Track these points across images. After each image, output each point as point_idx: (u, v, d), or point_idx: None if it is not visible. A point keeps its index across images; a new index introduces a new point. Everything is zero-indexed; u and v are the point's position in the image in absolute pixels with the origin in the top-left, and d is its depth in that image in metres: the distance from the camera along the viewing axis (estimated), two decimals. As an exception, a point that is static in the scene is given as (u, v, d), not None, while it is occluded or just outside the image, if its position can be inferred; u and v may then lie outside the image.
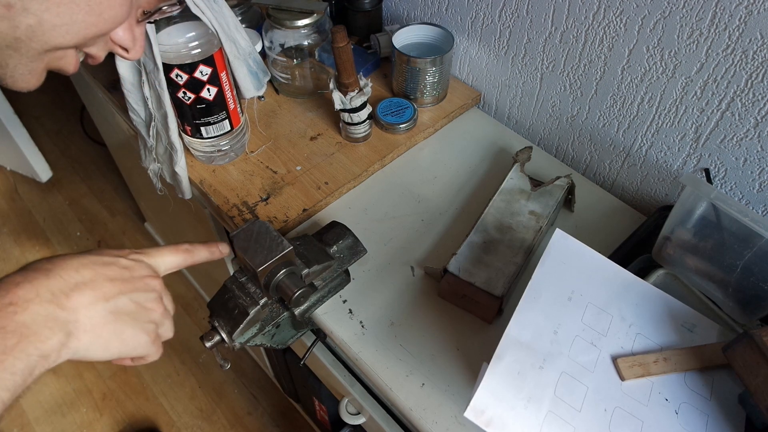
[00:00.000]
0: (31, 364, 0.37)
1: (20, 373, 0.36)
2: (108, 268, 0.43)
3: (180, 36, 0.65)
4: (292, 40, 0.85)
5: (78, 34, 0.39)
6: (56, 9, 0.37)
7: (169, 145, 0.75)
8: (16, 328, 0.36)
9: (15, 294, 0.37)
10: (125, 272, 0.44)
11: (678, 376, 0.55)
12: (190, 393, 1.52)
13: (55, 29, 0.38)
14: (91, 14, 0.39)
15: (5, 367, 0.35)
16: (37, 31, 0.37)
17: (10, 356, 0.35)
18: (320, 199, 0.77)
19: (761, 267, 0.58)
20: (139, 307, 0.44)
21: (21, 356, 0.36)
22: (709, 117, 0.67)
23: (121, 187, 1.96)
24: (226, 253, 0.55)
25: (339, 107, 0.79)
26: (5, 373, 0.35)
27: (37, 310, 0.38)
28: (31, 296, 0.38)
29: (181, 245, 0.51)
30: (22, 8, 0.36)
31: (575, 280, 0.58)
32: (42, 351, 0.37)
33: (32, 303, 0.38)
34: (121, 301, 0.43)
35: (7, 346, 0.36)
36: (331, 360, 0.77)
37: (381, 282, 0.70)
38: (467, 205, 0.79)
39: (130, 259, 0.46)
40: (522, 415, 0.49)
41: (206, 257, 0.53)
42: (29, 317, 0.37)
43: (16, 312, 0.37)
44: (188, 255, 0.51)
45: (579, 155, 0.85)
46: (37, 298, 0.38)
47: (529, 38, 0.80)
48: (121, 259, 0.45)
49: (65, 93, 2.26)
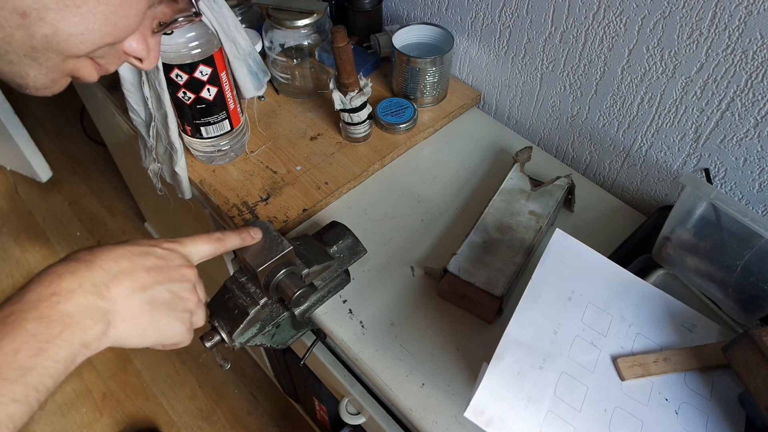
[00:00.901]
0: (74, 352, 0.38)
1: (63, 361, 0.37)
2: (145, 258, 0.44)
3: (180, 36, 0.65)
4: (292, 40, 0.85)
5: (92, 43, 0.40)
6: (72, 19, 0.37)
7: (169, 145, 0.75)
8: (59, 317, 0.38)
9: (58, 285, 0.39)
10: (161, 262, 0.45)
11: (678, 376, 0.55)
12: (190, 393, 1.52)
13: (71, 39, 0.38)
14: (107, 24, 0.39)
15: (49, 355, 0.36)
16: (52, 40, 0.38)
17: (54, 345, 0.37)
18: (320, 199, 0.77)
19: (761, 267, 0.58)
20: (174, 297, 0.46)
21: (64, 345, 0.37)
22: (709, 117, 0.67)
23: (121, 187, 1.96)
24: (258, 237, 0.55)
25: (339, 107, 0.79)
26: (49, 361, 0.36)
27: (79, 301, 0.39)
28: (74, 287, 0.39)
29: (214, 234, 0.52)
30: (38, 18, 0.36)
31: (575, 280, 0.58)
32: (84, 339, 0.39)
33: (75, 293, 0.39)
34: (158, 290, 0.44)
35: (51, 334, 0.37)
36: (331, 360, 0.77)
37: (381, 282, 0.70)
38: (467, 205, 0.79)
39: (165, 249, 0.47)
40: (522, 415, 0.49)
41: (238, 244, 0.54)
42: (72, 307, 0.38)
43: (59, 302, 0.38)
44: (220, 243, 0.52)
45: (579, 155, 0.85)
46: (79, 288, 0.39)
47: (529, 38, 0.80)
48: (157, 249, 0.46)
49: (65, 93, 2.24)
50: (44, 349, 0.36)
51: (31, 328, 0.36)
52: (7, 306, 0.37)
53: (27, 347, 0.36)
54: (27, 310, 0.37)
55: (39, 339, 0.36)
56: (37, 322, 0.37)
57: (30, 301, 0.38)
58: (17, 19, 0.36)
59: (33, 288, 0.38)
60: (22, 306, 0.37)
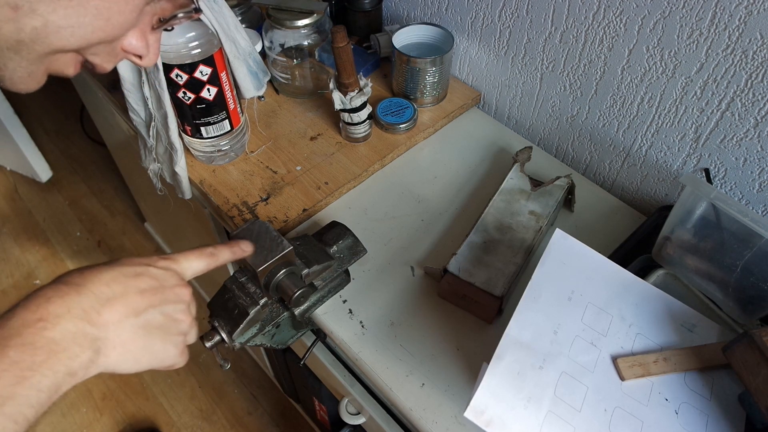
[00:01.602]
0: (58, 381, 0.36)
1: (46, 390, 0.36)
2: (138, 280, 0.43)
3: (180, 36, 0.65)
4: (292, 40, 0.85)
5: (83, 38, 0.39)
6: (64, 11, 0.36)
7: (169, 145, 0.75)
8: (45, 344, 0.36)
9: (45, 309, 0.37)
10: (155, 282, 0.44)
11: (678, 376, 0.55)
12: (190, 393, 1.52)
13: (60, 31, 0.37)
14: (99, 18, 0.38)
15: (32, 384, 0.35)
16: (41, 33, 0.37)
17: (37, 373, 0.35)
18: (320, 199, 0.77)
19: (761, 267, 0.58)
20: (168, 320, 0.44)
21: (48, 373, 0.36)
22: (709, 117, 0.67)
23: (121, 187, 1.96)
24: (249, 251, 0.54)
25: (339, 107, 0.79)
26: (31, 390, 0.35)
27: (67, 327, 0.37)
28: (62, 312, 0.37)
29: (206, 249, 0.50)
30: (29, 9, 0.35)
31: (575, 280, 0.58)
32: (70, 368, 0.37)
33: (62, 319, 0.37)
34: (151, 314, 0.43)
35: (35, 362, 0.35)
36: (331, 360, 0.77)
37: (381, 282, 0.70)
38: (467, 205, 0.79)
39: (159, 268, 0.45)
40: (522, 415, 0.49)
41: (229, 258, 0.52)
42: (59, 333, 0.37)
43: (45, 328, 0.36)
44: (213, 258, 0.50)
45: (579, 155, 0.85)
46: (67, 314, 0.38)
47: (529, 38, 0.80)
48: (151, 269, 0.44)
49: (65, 93, 2.26)
50: (26, 377, 0.35)
51: (13, 355, 0.34)
52: None
53: (7, 375, 0.34)
54: (10, 336, 0.35)
55: (21, 366, 0.35)
56: (20, 349, 0.35)
57: (14, 327, 0.36)
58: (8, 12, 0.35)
59: (18, 313, 0.37)
60: (5, 332, 0.35)
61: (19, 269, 1.76)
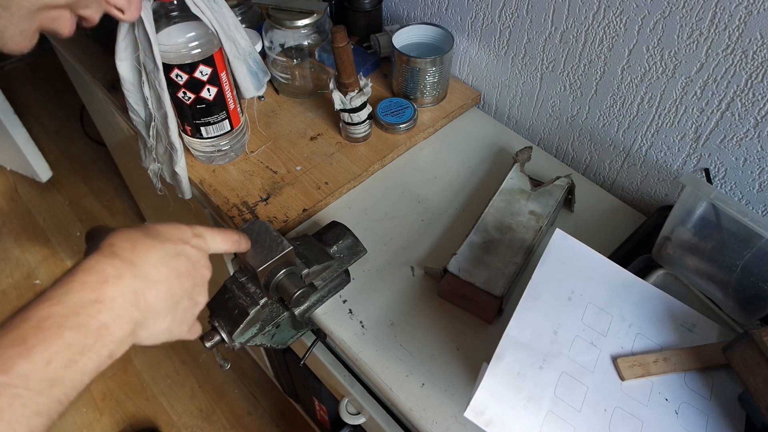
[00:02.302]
0: (101, 364, 0.37)
1: (90, 373, 0.36)
2: (177, 261, 0.43)
3: (180, 36, 0.65)
4: (292, 40, 0.85)
5: None
6: None
7: (169, 145, 0.75)
8: (97, 327, 0.36)
9: (103, 291, 0.37)
10: (189, 265, 0.44)
11: (678, 376, 0.55)
12: (190, 393, 1.52)
13: None
14: None
15: (79, 367, 0.35)
16: None
17: (85, 356, 0.35)
18: (320, 199, 0.77)
19: (761, 267, 0.58)
20: (191, 303, 0.45)
21: (94, 357, 0.36)
22: (709, 117, 0.67)
23: (121, 187, 1.96)
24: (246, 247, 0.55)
25: (339, 107, 0.79)
26: (77, 374, 0.35)
27: (118, 311, 0.37)
28: (117, 295, 0.37)
29: (233, 234, 0.50)
30: None
31: (575, 280, 0.58)
32: (111, 351, 0.37)
33: (116, 302, 0.37)
34: (182, 299, 0.43)
35: (86, 345, 0.35)
36: (331, 360, 0.77)
37: (381, 282, 0.70)
38: (467, 205, 0.79)
39: (194, 248, 0.45)
40: (522, 415, 0.49)
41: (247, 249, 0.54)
42: (111, 317, 0.37)
43: (101, 311, 0.36)
44: (236, 246, 0.51)
45: (579, 155, 0.85)
46: (121, 297, 0.38)
47: (529, 38, 0.80)
48: (187, 248, 0.44)
49: (65, 93, 2.26)
50: (76, 360, 0.34)
51: (68, 337, 0.34)
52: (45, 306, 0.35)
53: (60, 357, 0.34)
54: (67, 316, 0.35)
55: (73, 350, 0.34)
56: (75, 331, 0.35)
57: (71, 305, 0.35)
58: None
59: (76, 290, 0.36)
60: (62, 309, 0.35)
61: (19, 269, 1.76)
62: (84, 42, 0.99)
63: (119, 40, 0.65)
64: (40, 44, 0.45)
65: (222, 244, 0.49)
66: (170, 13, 0.64)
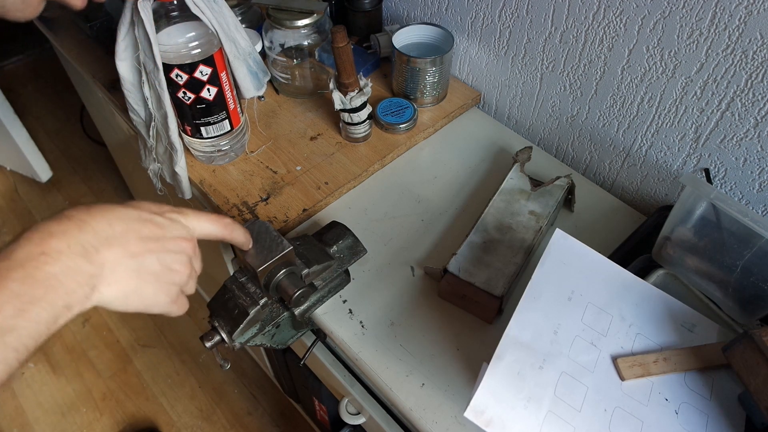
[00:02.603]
0: (56, 314, 0.37)
1: (45, 323, 0.37)
2: (142, 225, 0.43)
3: (180, 36, 0.65)
4: (292, 40, 0.85)
5: None
6: None
7: (169, 145, 0.75)
8: (45, 278, 0.37)
9: (48, 244, 0.38)
10: (158, 231, 0.44)
11: (678, 376, 0.55)
12: (190, 393, 1.52)
13: None
14: None
15: (31, 316, 0.36)
16: None
17: (36, 306, 0.36)
18: (320, 199, 0.77)
19: (761, 267, 0.58)
20: (164, 269, 0.45)
21: (47, 306, 0.37)
22: (709, 117, 0.67)
23: (121, 187, 1.96)
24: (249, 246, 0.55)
25: (339, 107, 0.79)
26: (30, 323, 0.36)
27: (66, 262, 0.38)
28: (63, 247, 0.38)
29: (224, 218, 0.51)
30: None
31: (575, 280, 0.58)
32: (67, 302, 0.38)
33: (63, 254, 0.38)
34: (148, 260, 0.43)
35: (35, 295, 0.36)
36: (331, 360, 0.77)
37: (381, 282, 0.70)
38: (467, 205, 0.79)
39: (166, 218, 0.45)
40: (522, 415, 0.49)
41: (241, 239, 0.53)
42: (59, 268, 0.37)
43: (47, 262, 0.37)
44: (226, 229, 0.51)
45: (579, 155, 0.85)
46: (68, 249, 0.38)
47: (529, 38, 0.80)
48: (157, 217, 0.45)
49: (65, 93, 2.26)
50: (26, 309, 0.36)
51: (15, 288, 0.36)
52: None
53: (9, 307, 0.35)
54: (13, 268, 0.36)
55: (22, 300, 0.36)
56: (21, 282, 0.36)
57: (17, 258, 0.37)
58: None
59: (22, 245, 0.37)
60: (8, 264, 0.36)
61: (19, 269, 1.76)
62: (84, 42, 0.99)
63: (119, 40, 0.65)
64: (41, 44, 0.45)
65: (208, 225, 0.49)
66: (170, 13, 0.64)
